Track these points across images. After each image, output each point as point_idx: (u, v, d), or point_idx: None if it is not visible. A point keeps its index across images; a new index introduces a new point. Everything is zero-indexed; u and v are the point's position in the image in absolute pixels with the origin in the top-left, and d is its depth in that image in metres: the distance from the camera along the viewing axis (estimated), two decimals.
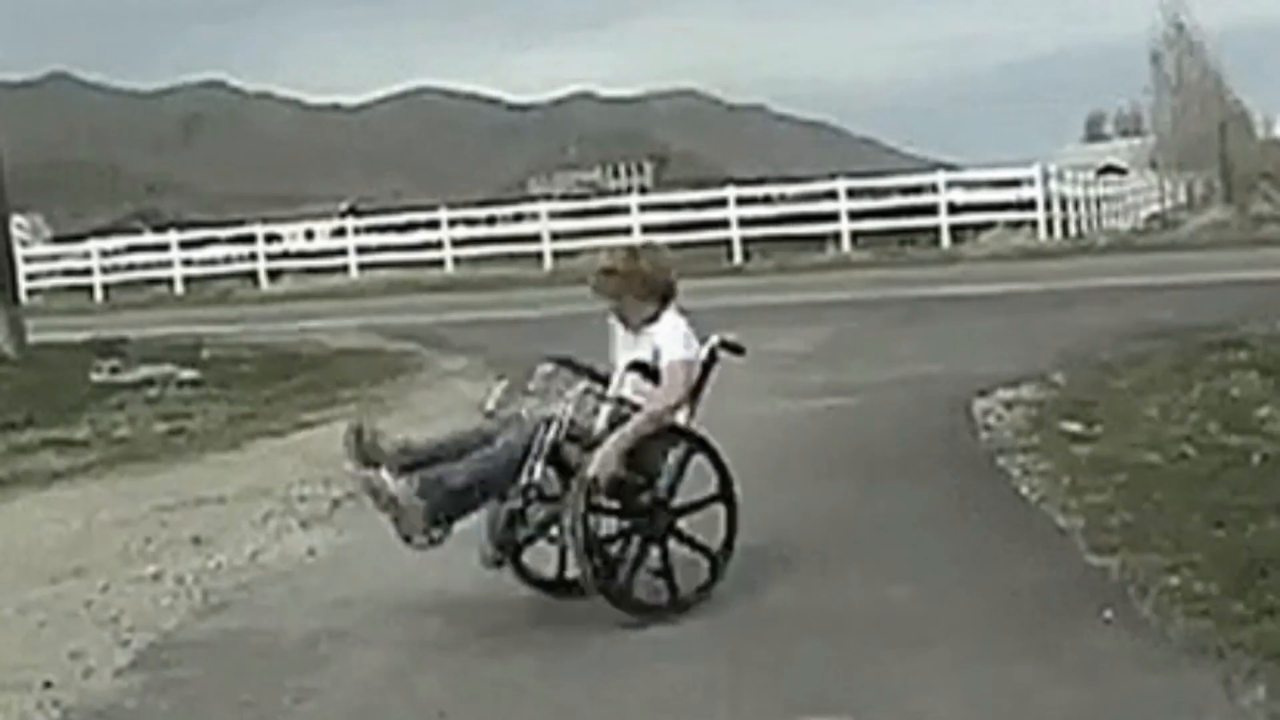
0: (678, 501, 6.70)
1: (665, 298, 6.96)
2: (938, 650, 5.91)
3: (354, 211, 60.36)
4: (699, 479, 6.79)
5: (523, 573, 6.89)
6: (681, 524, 6.67)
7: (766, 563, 7.08)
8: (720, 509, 6.75)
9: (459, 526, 6.72)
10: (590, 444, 6.52)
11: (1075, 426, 10.38)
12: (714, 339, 7.00)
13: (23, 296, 24.13)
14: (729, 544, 6.74)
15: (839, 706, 5.42)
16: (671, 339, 6.82)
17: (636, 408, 6.67)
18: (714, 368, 6.98)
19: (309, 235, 47.73)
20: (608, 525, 6.60)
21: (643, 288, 6.94)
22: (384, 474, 6.46)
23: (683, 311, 7.01)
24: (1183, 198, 51.59)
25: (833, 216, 34.94)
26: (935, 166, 43.17)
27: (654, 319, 6.90)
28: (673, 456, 6.68)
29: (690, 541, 6.70)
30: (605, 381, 6.81)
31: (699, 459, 6.73)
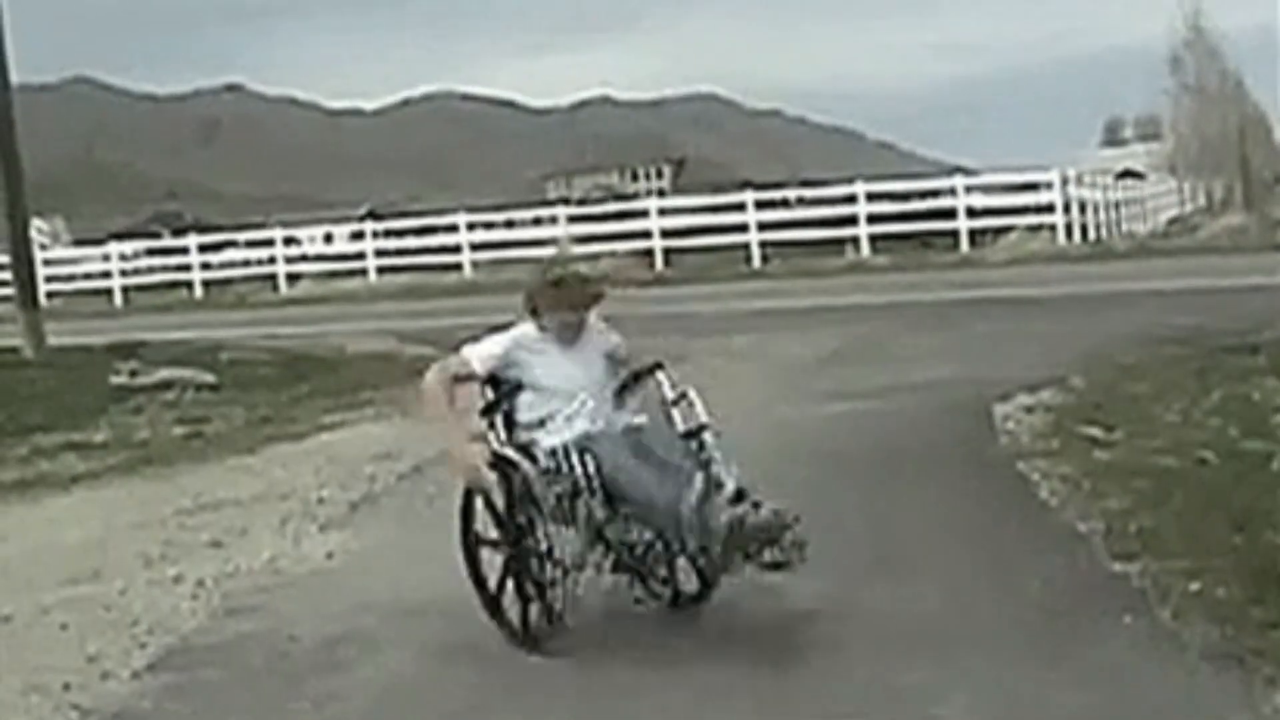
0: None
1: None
2: (956, 654, 5.89)
3: (373, 215, 60.47)
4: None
5: None
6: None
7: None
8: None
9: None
10: None
11: (1095, 431, 10.35)
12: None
13: (42, 300, 24.16)
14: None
15: (854, 711, 5.41)
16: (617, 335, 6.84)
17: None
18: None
19: (328, 239, 47.79)
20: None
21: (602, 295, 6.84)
22: None
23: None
24: (1202, 202, 51.49)
25: (851, 220, 34.88)
26: (954, 170, 43.09)
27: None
28: None
29: None
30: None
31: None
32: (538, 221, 41.88)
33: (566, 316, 6.64)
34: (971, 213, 34.61)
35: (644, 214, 37.97)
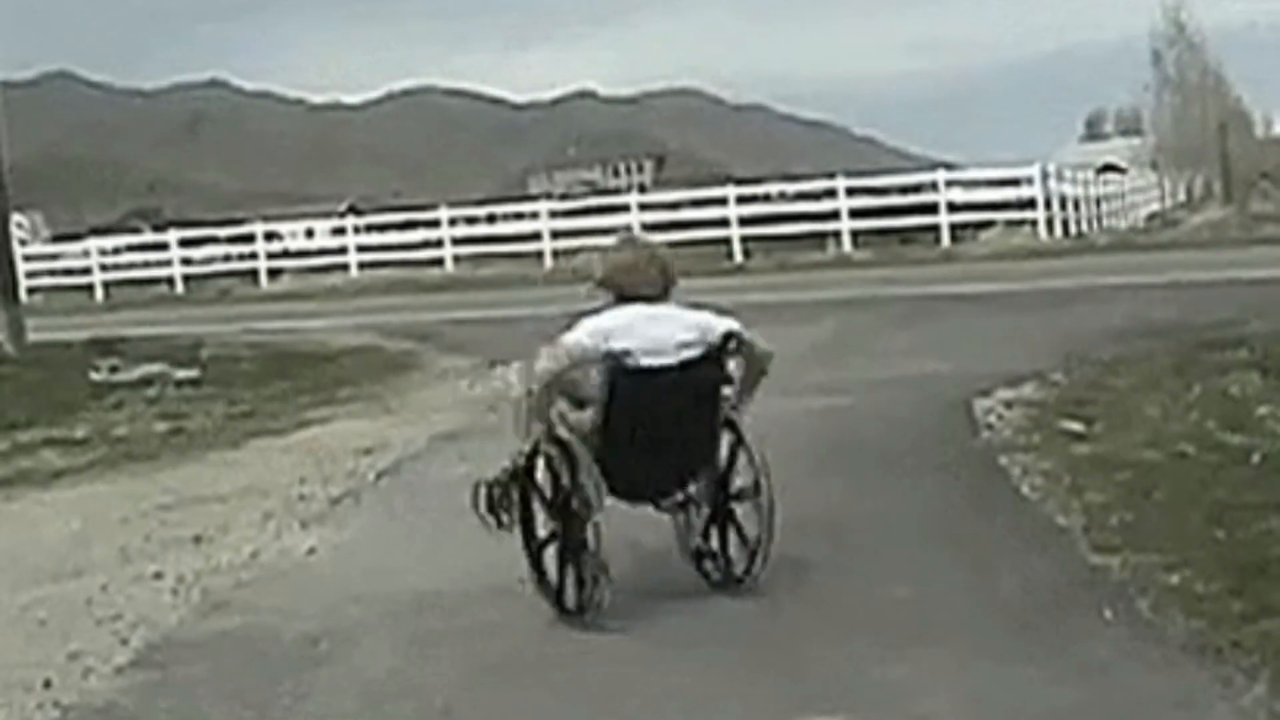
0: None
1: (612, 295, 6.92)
2: (938, 650, 5.90)
3: (354, 210, 60.36)
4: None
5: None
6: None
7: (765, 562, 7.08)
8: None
9: (459, 524, 6.80)
10: None
11: (1075, 425, 10.37)
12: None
13: (22, 295, 24.12)
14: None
15: (839, 706, 5.41)
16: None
17: None
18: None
19: (309, 234, 47.67)
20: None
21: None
22: None
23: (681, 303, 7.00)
24: (1182, 196, 51.68)
25: (833, 215, 34.92)
26: (935, 165, 43.13)
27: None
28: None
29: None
30: None
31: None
32: (519, 217, 41.83)
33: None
34: (953, 208, 34.67)
35: (625, 209, 37.98)
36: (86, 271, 41.12)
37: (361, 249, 39.17)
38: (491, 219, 42.68)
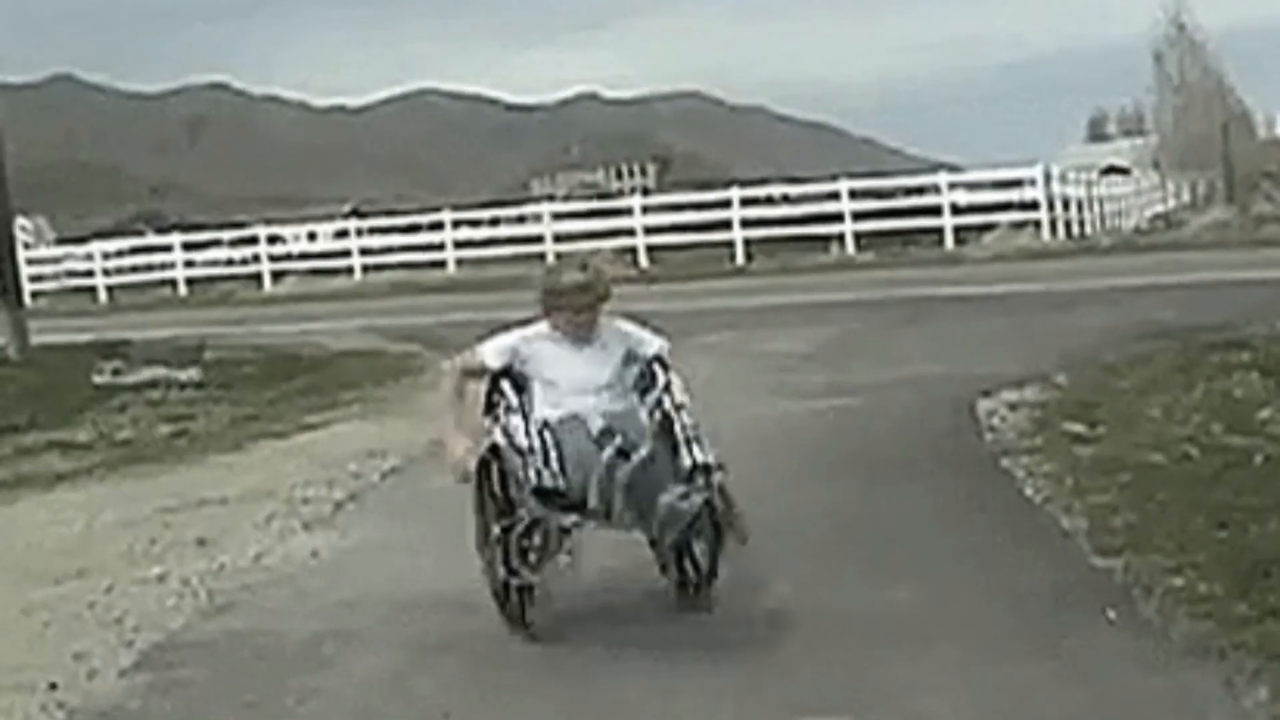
0: None
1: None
2: (941, 651, 5.91)
3: (357, 213, 60.33)
4: None
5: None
6: None
7: (768, 563, 7.08)
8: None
9: (462, 526, 6.80)
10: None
11: (1078, 427, 10.38)
12: None
13: (26, 298, 24.12)
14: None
15: (841, 707, 5.42)
16: (647, 334, 6.94)
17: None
18: None
19: (312, 237, 47.65)
20: None
21: (607, 295, 6.90)
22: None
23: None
24: (1185, 198, 51.63)
25: (836, 217, 34.93)
26: (937, 167, 43.14)
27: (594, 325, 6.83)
28: None
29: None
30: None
31: None
32: (522, 219, 41.84)
33: (571, 319, 6.77)
34: (956, 210, 34.67)
35: (628, 211, 37.99)
36: (90, 274, 41.14)
37: (364, 252, 39.19)
38: (494, 221, 42.67)
